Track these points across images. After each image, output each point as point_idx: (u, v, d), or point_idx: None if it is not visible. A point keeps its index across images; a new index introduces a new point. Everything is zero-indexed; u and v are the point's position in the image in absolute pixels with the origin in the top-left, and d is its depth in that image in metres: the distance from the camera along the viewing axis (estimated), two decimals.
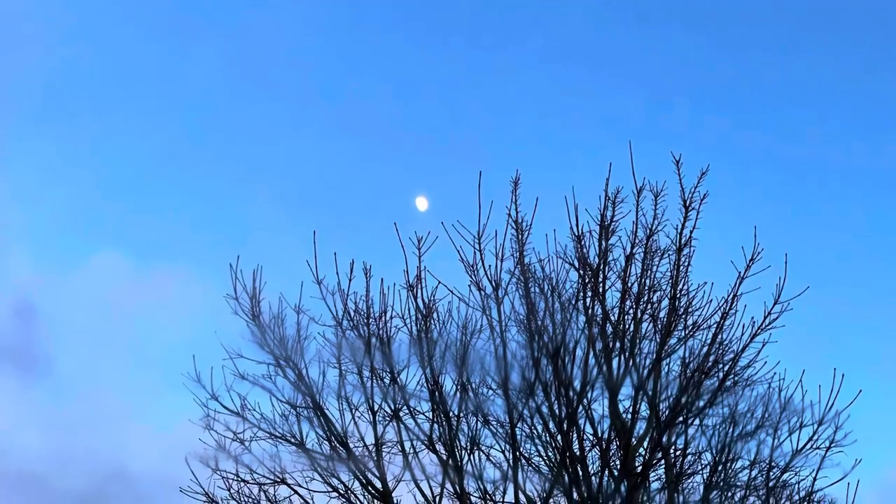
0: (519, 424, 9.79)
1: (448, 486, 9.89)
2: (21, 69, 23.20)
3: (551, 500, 10.00)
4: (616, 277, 10.06)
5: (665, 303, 10.03)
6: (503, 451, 9.92)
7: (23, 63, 23.12)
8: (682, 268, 10.04)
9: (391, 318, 10.04)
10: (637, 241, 10.05)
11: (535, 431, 9.88)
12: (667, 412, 9.71)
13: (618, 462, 9.75)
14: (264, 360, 10.11)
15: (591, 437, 9.89)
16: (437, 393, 9.85)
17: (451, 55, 23.34)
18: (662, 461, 9.95)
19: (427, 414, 9.98)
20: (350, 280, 10.04)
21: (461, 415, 9.85)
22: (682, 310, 10.02)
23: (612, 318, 9.99)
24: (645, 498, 9.82)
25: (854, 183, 23.74)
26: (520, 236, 10.17)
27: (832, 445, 9.75)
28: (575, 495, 9.65)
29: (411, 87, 23.61)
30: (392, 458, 9.99)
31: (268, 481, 10.16)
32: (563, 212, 10.07)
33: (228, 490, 10.20)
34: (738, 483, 9.90)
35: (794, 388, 9.81)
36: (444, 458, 9.83)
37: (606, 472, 9.68)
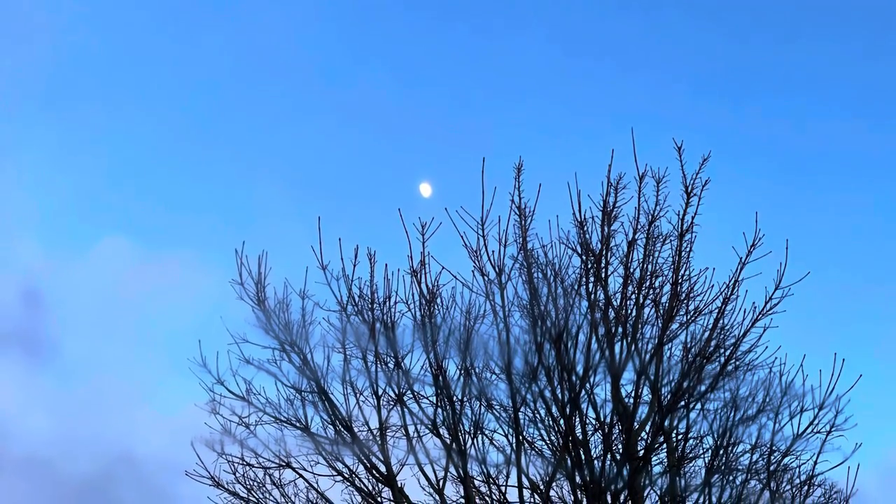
0: (522, 409, 9.83)
1: (451, 469, 9.97)
2: (28, 57, 23.27)
3: (554, 484, 10.09)
4: (618, 263, 10.12)
5: (667, 288, 10.08)
6: (506, 435, 9.97)
7: (30, 51, 23.19)
8: (683, 253, 10.10)
9: (395, 303, 10.08)
10: (639, 226, 10.11)
11: (537, 416, 9.93)
12: (669, 396, 9.74)
13: (620, 446, 9.79)
14: (269, 345, 10.15)
15: (593, 422, 9.93)
16: (440, 377, 9.87)
17: (456, 42, 23.37)
18: (664, 445, 9.99)
19: (431, 398, 10.02)
20: (354, 265, 10.05)
21: (465, 399, 9.88)
22: (683, 295, 10.07)
23: (615, 303, 10.04)
24: (647, 482, 9.86)
25: (855, 168, 23.79)
26: (523, 222, 10.22)
27: (833, 429, 9.78)
28: (577, 479, 9.71)
29: (416, 74, 23.67)
30: (396, 442, 10.02)
31: (273, 465, 10.22)
32: (566, 198, 10.13)
33: (234, 474, 10.28)
34: (740, 467, 9.94)
35: (795, 373, 9.85)
36: (448, 442, 9.86)
37: (609, 456, 9.72)
